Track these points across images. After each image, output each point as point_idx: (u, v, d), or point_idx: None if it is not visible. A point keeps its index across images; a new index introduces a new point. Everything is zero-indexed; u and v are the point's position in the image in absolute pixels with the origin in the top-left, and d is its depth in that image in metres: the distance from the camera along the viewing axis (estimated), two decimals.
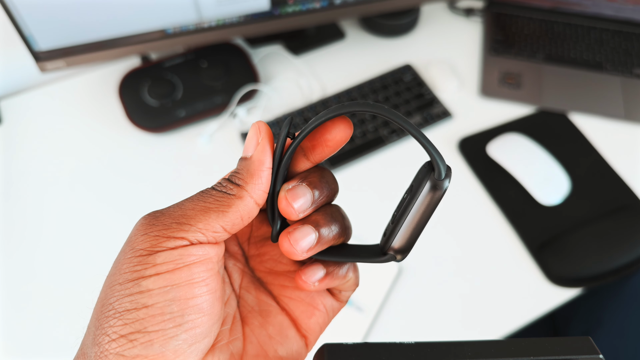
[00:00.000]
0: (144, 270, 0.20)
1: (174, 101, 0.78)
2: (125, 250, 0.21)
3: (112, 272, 0.21)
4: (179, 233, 0.21)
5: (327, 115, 0.22)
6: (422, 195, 0.23)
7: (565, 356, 0.21)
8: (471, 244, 0.68)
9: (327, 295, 0.27)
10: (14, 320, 0.62)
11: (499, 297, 0.64)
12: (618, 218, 0.69)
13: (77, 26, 0.68)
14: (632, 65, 0.86)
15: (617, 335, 0.69)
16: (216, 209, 0.22)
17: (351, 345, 0.21)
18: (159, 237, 0.21)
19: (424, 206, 0.23)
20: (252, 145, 0.23)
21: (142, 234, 0.21)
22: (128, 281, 0.20)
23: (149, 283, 0.20)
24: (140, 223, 0.22)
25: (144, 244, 0.21)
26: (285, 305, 0.27)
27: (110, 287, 0.21)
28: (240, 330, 0.26)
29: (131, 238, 0.22)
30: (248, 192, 0.23)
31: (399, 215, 0.24)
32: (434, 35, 0.91)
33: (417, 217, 0.23)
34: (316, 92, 0.83)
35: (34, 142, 0.76)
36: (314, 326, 0.27)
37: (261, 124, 0.24)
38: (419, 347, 0.21)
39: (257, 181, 0.23)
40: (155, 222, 0.22)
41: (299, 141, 0.23)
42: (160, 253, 0.21)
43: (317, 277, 0.25)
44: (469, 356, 0.21)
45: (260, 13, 0.76)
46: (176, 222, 0.21)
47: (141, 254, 0.21)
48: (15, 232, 0.68)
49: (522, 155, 0.73)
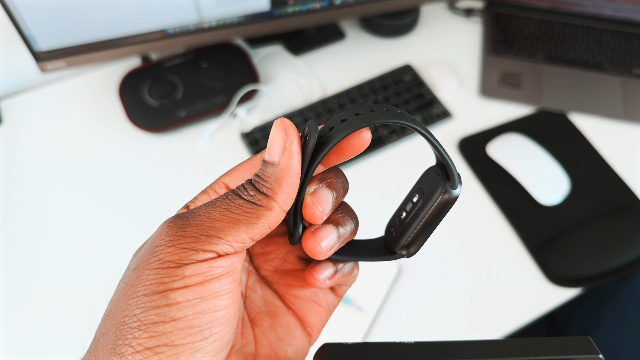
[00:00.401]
0: (172, 282, 0.20)
1: (174, 101, 0.78)
2: (150, 260, 0.21)
3: (133, 282, 0.21)
4: (208, 246, 0.21)
5: (360, 125, 0.22)
6: (436, 202, 0.24)
7: (565, 356, 0.21)
8: (471, 244, 0.68)
9: (329, 291, 0.28)
10: (14, 320, 0.62)
11: (499, 297, 0.64)
12: (618, 218, 0.69)
13: (77, 26, 0.68)
14: (632, 66, 0.86)
15: (617, 335, 0.69)
16: (245, 222, 0.21)
17: (351, 345, 0.21)
18: (188, 249, 0.20)
19: (437, 212, 0.24)
20: (278, 149, 0.22)
21: (170, 245, 0.21)
22: (155, 293, 0.20)
23: (177, 296, 0.20)
24: (166, 232, 0.21)
25: (172, 256, 0.20)
26: (291, 304, 0.27)
27: (133, 297, 0.20)
28: (251, 333, 0.26)
29: (156, 248, 0.21)
30: (277, 202, 0.22)
31: (411, 218, 0.25)
32: (434, 35, 0.91)
33: (430, 221, 0.24)
34: (316, 92, 0.83)
35: (34, 142, 0.76)
36: (317, 323, 0.27)
37: (287, 124, 0.22)
38: (419, 347, 0.21)
39: (285, 190, 0.22)
40: (183, 232, 0.21)
41: (329, 149, 0.22)
42: (189, 266, 0.20)
43: (328, 274, 0.26)
44: (469, 356, 0.21)
45: (260, 13, 0.76)
46: (205, 234, 0.21)
47: (169, 266, 0.20)
48: (16, 232, 0.68)
49: (522, 155, 0.73)
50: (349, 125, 0.22)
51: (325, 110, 0.79)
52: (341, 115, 0.23)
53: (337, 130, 0.22)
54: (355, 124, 0.22)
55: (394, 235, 0.26)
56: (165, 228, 0.22)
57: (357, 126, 0.22)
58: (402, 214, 0.26)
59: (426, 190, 0.24)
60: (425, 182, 0.25)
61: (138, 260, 0.21)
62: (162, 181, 0.73)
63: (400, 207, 0.26)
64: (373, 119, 0.22)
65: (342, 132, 0.22)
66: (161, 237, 0.21)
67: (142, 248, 0.23)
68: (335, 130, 0.22)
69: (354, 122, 0.22)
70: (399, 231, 0.25)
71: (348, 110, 0.23)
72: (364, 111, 0.22)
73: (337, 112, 0.79)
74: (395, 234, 0.26)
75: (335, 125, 0.22)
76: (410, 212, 0.25)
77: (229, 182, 0.25)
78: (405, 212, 0.25)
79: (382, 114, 0.22)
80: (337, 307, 0.28)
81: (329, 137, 0.22)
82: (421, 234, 0.25)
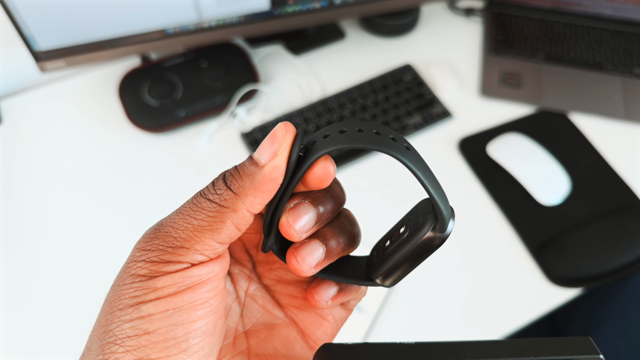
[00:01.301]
0: (144, 295, 0.20)
1: (174, 101, 0.78)
2: (123, 277, 0.20)
3: (111, 298, 0.21)
4: (176, 257, 0.20)
5: (351, 144, 0.20)
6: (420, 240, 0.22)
7: (565, 356, 0.21)
8: (471, 244, 0.68)
9: (337, 305, 0.27)
10: (14, 320, 0.62)
11: (499, 297, 0.64)
12: (618, 218, 0.69)
13: (77, 26, 0.68)
14: (632, 65, 0.86)
15: (617, 335, 0.69)
16: (210, 228, 0.20)
17: (351, 345, 0.21)
18: (157, 262, 0.20)
19: (420, 250, 0.22)
20: (268, 153, 0.21)
21: (139, 259, 0.20)
22: (128, 306, 0.20)
23: (150, 307, 0.19)
24: (136, 248, 0.21)
25: (143, 270, 0.20)
26: (293, 316, 0.26)
27: (110, 312, 0.20)
28: (244, 344, 0.25)
29: (128, 265, 0.21)
30: (244, 204, 0.21)
31: (393, 249, 0.23)
32: (434, 35, 0.91)
33: (412, 258, 0.23)
34: (316, 92, 0.83)
35: (34, 142, 0.76)
36: (322, 337, 0.26)
37: (288, 130, 0.21)
38: (419, 347, 0.21)
39: (258, 195, 0.21)
40: (150, 246, 0.20)
41: (311, 163, 0.21)
42: (161, 277, 0.20)
43: (330, 295, 0.25)
44: (469, 356, 0.21)
45: (260, 13, 0.76)
46: (171, 246, 0.20)
47: (140, 280, 0.20)
48: (16, 232, 0.68)
49: (522, 155, 0.73)
50: (333, 141, 0.20)
51: (325, 110, 0.79)
52: (333, 128, 0.21)
53: (318, 146, 0.20)
54: (344, 141, 0.20)
55: (375, 261, 0.24)
56: (135, 245, 0.21)
57: (348, 143, 0.20)
58: (387, 242, 0.24)
59: (413, 225, 0.23)
60: (415, 215, 0.23)
61: (117, 278, 0.21)
62: (162, 181, 0.73)
63: (388, 233, 0.25)
64: (352, 141, 0.20)
65: (326, 146, 0.20)
66: (132, 253, 0.21)
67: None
68: (317, 145, 0.20)
69: (346, 139, 0.20)
70: (379, 259, 0.24)
71: (350, 122, 0.21)
72: (349, 129, 0.20)
73: (337, 112, 0.79)
74: (377, 261, 0.24)
75: (317, 140, 0.21)
76: (393, 242, 0.23)
77: None
78: (389, 242, 0.24)
79: (365, 138, 0.20)
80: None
81: (311, 151, 0.21)
82: (400, 268, 0.23)
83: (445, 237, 0.22)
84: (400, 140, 0.21)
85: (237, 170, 0.21)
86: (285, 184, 0.21)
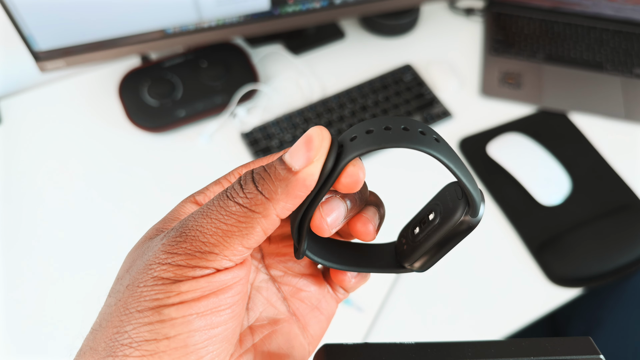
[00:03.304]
0: (167, 298, 0.19)
1: (174, 101, 0.78)
2: (144, 278, 0.20)
3: (126, 298, 0.20)
4: (204, 263, 0.19)
5: (381, 145, 0.19)
6: (453, 227, 0.22)
7: (565, 356, 0.21)
8: (471, 244, 0.68)
9: (330, 298, 0.27)
10: (14, 320, 0.62)
11: (499, 297, 0.64)
12: (618, 218, 0.69)
13: (77, 26, 0.68)
14: (632, 65, 0.86)
15: (617, 335, 0.69)
16: (239, 233, 0.20)
17: (351, 346, 0.21)
18: (183, 267, 0.19)
19: (453, 236, 0.22)
20: (303, 159, 0.20)
21: (164, 262, 0.19)
22: (148, 309, 0.19)
23: (172, 311, 0.19)
24: (160, 250, 0.20)
25: (167, 274, 0.19)
26: (295, 309, 0.26)
27: (125, 313, 0.19)
28: (250, 341, 0.24)
29: (150, 266, 0.20)
30: (275, 210, 0.20)
31: (425, 236, 0.23)
32: (434, 35, 0.91)
33: (445, 244, 0.23)
34: (316, 92, 0.83)
35: (34, 142, 0.76)
36: (318, 331, 0.26)
37: (325, 137, 0.20)
38: (419, 347, 0.21)
39: (289, 201, 0.20)
40: (176, 250, 0.20)
41: (342, 168, 0.20)
42: (185, 282, 0.19)
43: (354, 273, 0.26)
44: (469, 356, 0.21)
45: (260, 13, 0.76)
46: (199, 251, 0.19)
47: (164, 283, 0.19)
48: (16, 231, 0.68)
49: (522, 155, 0.73)
50: (368, 142, 0.20)
51: (325, 110, 0.79)
52: (359, 129, 0.20)
53: (347, 150, 0.20)
54: (377, 141, 0.19)
55: (406, 248, 0.24)
56: (158, 245, 0.20)
57: (380, 144, 0.19)
58: (416, 229, 0.24)
59: (443, 211, 0.22)
60: (444, 201, 0.23)
61: (131, 277, 0.20)
62: (162, 181, 0.73)
63: (415, 219, 0.25)
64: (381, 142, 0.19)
65: (361, 148, 0.20)
66: (155, 254, 0.20)
67: (134, 258, 0.22)
68: (346, 149, 0.20)
69: (380, 139, 0.20)
70: (411, 246, 0.24)
71: (376, 120, 0.20)
72: (376, 128, 0.20)
73: (337, 112, 0.79)
74: (407, 248, 0.24)
75: (345, 144, 0.20)
76: (424, 229, 0.23)
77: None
78: (419, 229, 0.24)
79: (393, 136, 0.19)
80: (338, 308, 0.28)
81: (346, 149, 0.20)
82: (434, 255, 0.23)
83: (478, 222, 0.22)
84: (429, 133, 0.20)
85: (267, 173, 0.20)
86: (316, 190, 0.20)
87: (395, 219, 0.37)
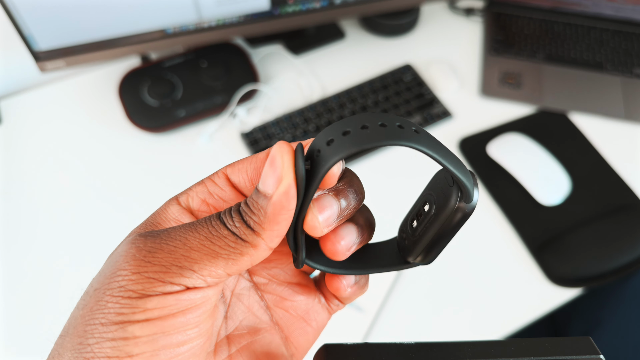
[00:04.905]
0: (132, 314, 0.18)
1: (174, 101, 0.78)
2: (111, 286, 0.19)
3: (92, 306, 0.19)
4: (178, 279, 0.18)
5: (361, 146, 0.19)
6: (449, 215, 0.22)
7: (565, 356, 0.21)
8: (471, 244, 0.68)
9: (322, 309, 0.26)
10: (14, 320, 0.62)
11: (499, 297, 0.64)
12: (618, 218, 0.69)
13: (77, 26, 0.68)
14: (632, 65, 0.86)
15: (617, 335, 0.69)
16: (226, 257, 0.19)
17: (351, 346, 0.21)
18: (154, 280, 0.18)
19: (451, 224, 0.22)
20: (272, 181, 0.19)
21: (134, 272, 0.18)
22: (112, 323, 0.18)
23: (136, 329, 0.18)
24: (132, 255, 0.19)
25: (135, 285, 0.18)
26: (279, 319, 0.25)
27: (90, 323, 0.18)
28: (226, 352, 0.23)
29: (119, 272, 0.19)
30: (264, 240, 0.20)
31: (424, 229, 0.23)
32: (434, 35, 0.91)
33: (445, 233, 0.23)
34: (316, 92, 0.83)
35: (34, 142, 0.76)
36: (304, 343, 0.25)
37: (284, 152, 0.19)
38: (419, 347, 0.21)
39: (275, 227, 0.20)
40: (151, 258, 0.19)
41: (321, 177, 0.20)
42: (153, 298, 0.18)
43: (352, 281, 0.24)
44: (469, 356, 0.21)
45: (260, 13, 0.76)
46: (177, 265, 0.19)
47: (130, 296, 0.18)
48: (16, 231, 0.68)
49: (522, 155, 0.73)
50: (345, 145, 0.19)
51: (325, 110, 0.79)
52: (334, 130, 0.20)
53: (324, 157, 0.19)
54: (356, 142, 0.19)
55: (407, 243, 0.24)
56: (132, 249, 0.19)
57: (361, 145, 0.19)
58: (414, 222, 0.24)
59: (437, 201, 0.22)
60: (437, 190, 0.23)
61: (99, 281, 0.19)
62: (162, 181, 0.73)
63: (411, 212, 0.24)
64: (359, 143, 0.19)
65: (334, 155, 0.19)
66: (126, 259, 0.19)
67: (111, 258, 0.21)
68: (323, 155, 0.19)
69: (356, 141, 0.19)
70: (411, 240, 0.24)
71: (352, 119, 0.20)
72: (352, 128, 0.19)
73: (337, 112, 0.79)
74: (408, 243, 0.24)
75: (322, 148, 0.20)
76: (422, 222, 0.23)
77: (230, 174, 0.23)
78: (417, 221, 0.23)
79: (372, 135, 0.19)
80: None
81: (323, 157, 0.19)
82: (436, 245, 0.23)
83: (473, 207, 0.21)
84: (407, 126, 0.20)
85: (247, 206, 0.20)
86: (300, 202, 0.20)
87: (395, 215, 0.37)
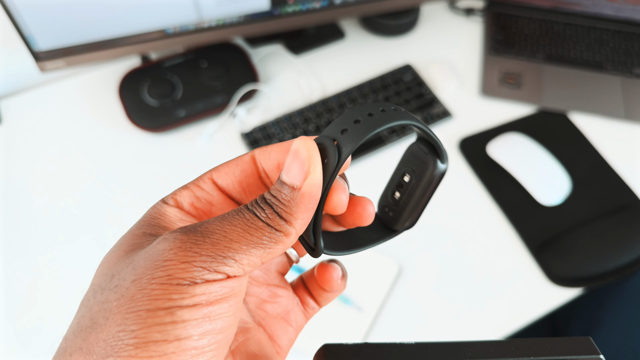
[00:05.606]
0: (182, 299, 0.19)
1: (174, 101, 0.78)
2: (157, 274, 0.19)
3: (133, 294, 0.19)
4: (222, 267, 0.19)
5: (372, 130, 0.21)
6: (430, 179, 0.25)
7: (565, 356, 0.21)
8: (471, 244, 0.68)
9: (299, 310, 0.27)
10: (14, 320, 0.62)
11: (499, 298, 0.64)
12: (618, 218, 0.69)
13: (77, 26, 0.68)
14: (632, 65, 0.86)
15: (617, 335, 0.69)
16: (263, 246, 0.20)
17: (351, 346, 0.21)
18: (202, 269, 0.19)
19: (430, 187, 0.25)
20: (300, 173, 0.21)
21: (183, 261, 0.19)
22: (160, 309, 0.18)
23: (185, 313, 0.18)
24: (178, 247, 0.20)
25: (184, 273, 0.19)
26: (261, 320, 0.26)
27: (132, 311, 0.19)
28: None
29: (165, 262, 0.19)
30: (295, 229, 0.21)
31: (407, 198, 0.26)
32: (434, 35, 0.91)
33: (425, 197, 0.26)
34: (316, 92, 0.83)
35: (34, 142, 0.76)
36: (287, 343, 0.26)
37: (310, 146, 0.21)
38: (419, 347, 0.21)
39: (304, 217, 0.21)
40: (196, 249, 0.20)
41: (339, 165, 0.22)
42: (200, 285, 0.19)
43: (339, 273, 0.26)
44: (469, 356, 0.21)
45: (260, 13, 0.76)
46: (221, 254, 0.20)
47: (179, 283, 0.19)
48: (16, 231, 0.68)
49: (522, 155, 0.73)
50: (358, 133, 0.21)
51: (325, 110, 0.79)
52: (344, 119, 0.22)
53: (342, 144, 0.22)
54: (365, 129, 0.21)
55: (391, 215, 0.27)
56: (176, 242, 0.20)
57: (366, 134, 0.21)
58: (396, 194, 0.27)
59: (417, 169, 0.26)
60: (413, 161, 0.26)
61: (139, 272, 0.20)
62: (162, 181, 0.73)
63: (389, 187, 0.27)
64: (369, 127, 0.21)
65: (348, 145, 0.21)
66: (172, 250, 0.20)
67: (117, 254, 0.21)
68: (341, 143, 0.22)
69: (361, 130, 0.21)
70: (396, 211, 0.27)
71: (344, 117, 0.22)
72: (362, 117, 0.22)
73: (337, 112, 0.79)
74: (393, 214, 0.27)
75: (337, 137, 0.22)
76: (404, 192, 0.26)
77: (217, 178, 0.24)
78: (399, 192, 0.27)
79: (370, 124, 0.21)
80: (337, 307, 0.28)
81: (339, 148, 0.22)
82: (418, 209, 0.26)
83: (447, 165, 0.25)
84: (387, 107, 0.22)
85: (275, 197, 0.21)
86: (323, 189, 0.22)
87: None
